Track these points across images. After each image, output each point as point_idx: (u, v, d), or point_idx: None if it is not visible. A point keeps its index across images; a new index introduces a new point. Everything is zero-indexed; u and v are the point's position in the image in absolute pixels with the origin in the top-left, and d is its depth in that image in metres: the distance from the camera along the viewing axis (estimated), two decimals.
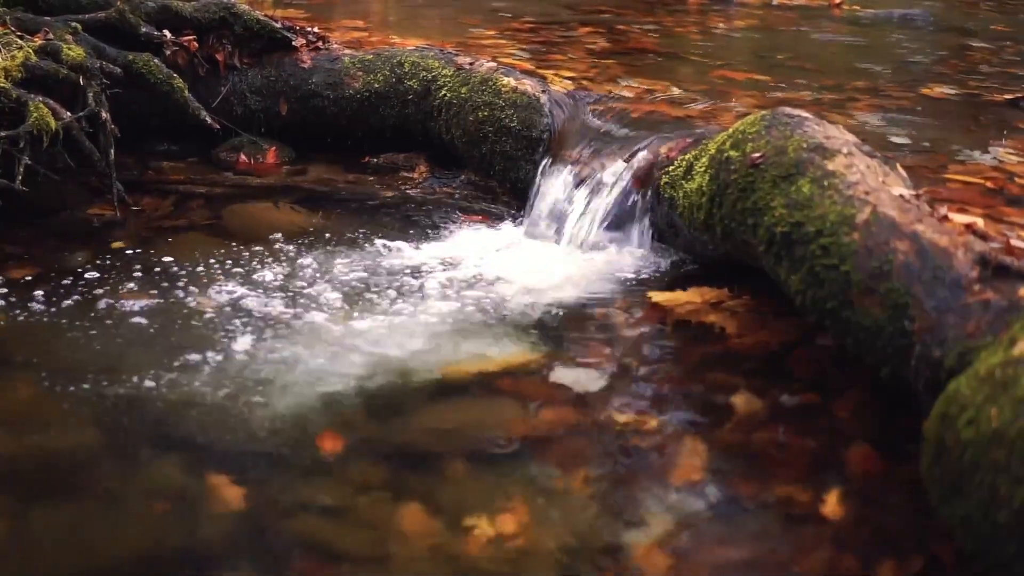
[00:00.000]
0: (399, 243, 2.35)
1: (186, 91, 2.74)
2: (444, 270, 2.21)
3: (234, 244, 2.31)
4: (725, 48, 4.21)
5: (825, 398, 1.72)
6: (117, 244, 2.30)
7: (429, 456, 1.57)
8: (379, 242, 2.35)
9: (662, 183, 2.22)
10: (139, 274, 2.13)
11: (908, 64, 3.89)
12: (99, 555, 1.35)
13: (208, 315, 1.97)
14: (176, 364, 1.78)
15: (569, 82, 2.99)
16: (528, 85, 2.68)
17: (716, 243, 2.02)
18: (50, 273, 2.12)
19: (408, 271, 2.20)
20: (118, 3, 2.76)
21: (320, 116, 2.91)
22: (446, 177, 2.79)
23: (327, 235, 2.40)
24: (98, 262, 2.18)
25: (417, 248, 2.33)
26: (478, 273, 2.20)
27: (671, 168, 2.21)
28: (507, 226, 2.49)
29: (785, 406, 1.70)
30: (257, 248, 2.29)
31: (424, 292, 2.10)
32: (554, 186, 2.44)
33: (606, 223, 2.32)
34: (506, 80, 2.69)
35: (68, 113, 2.40)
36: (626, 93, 2.90)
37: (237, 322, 1.94)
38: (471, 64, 2.81)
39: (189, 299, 2.03)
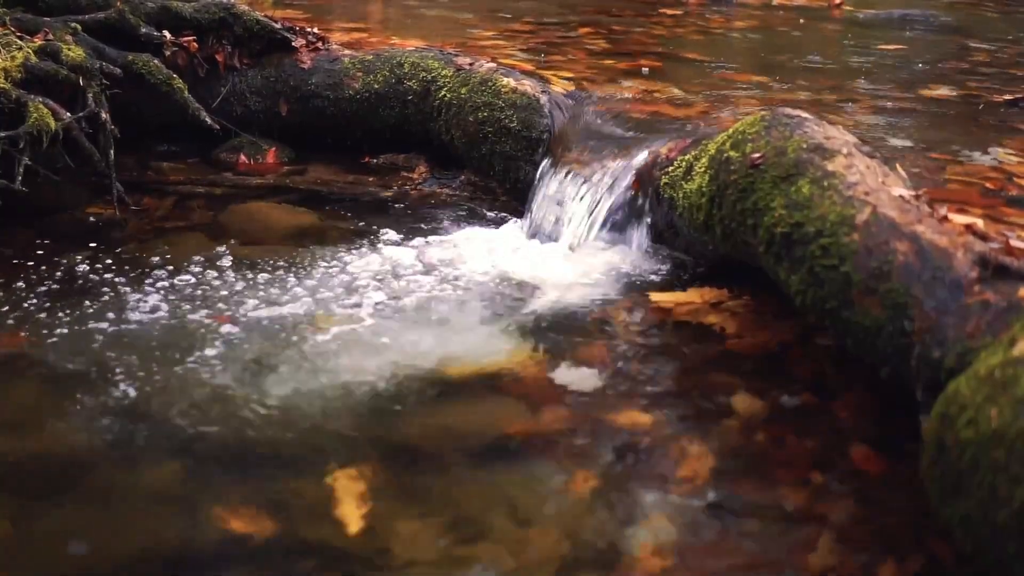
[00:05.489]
0: (399, 243, 2.36)
1: (186, 92, 2.74)
2: (444, 270, 2.21)
3: (233, 244, 2.31)
4: (725, 48, 4.21)
5: (825, 398, 1.72)
6: (117, 244, 2.30)
7: (429, 455, 1.57)
8: (378, 242, 2.35)
9: (662, 184, 2.22)
10: (139, 274, 2.13)
11: (908, 64, 3.89)
12: (99, 555, 1.36)
13: (208, 314, 1.97)
14: (175, 363, 1.78)
15: (569, 82, 2.99)
16: (528, 86, 2.68)
17: (716, 244, 2.02)
18: (49, 273, 2.12)
19: (408, 271, 2.20)
20: (118, 3, 2.76)
21: (320, 116, 2.91)
22: (446, 177, 2.80)
23: (327, 235, 2.40)
24: (98, 262, 2.18)
25: (417, 248, 2.33)
26: (478, 273, 2.20)
27: (671, 168, 2.21)
28: (507, 226, 2.49)
29: (785, 406, 1.70)
30: (256, 248, 2.29)
31: (424, 292, 2.10)
32: (554, 187, 2.44)
33: (606, 224, 2.32)
34: (506, 81, 2.69)
35: (68, 113, 2.40)
36: (626, 93, 2.90)
37: (236, 321, 1.94)
38: (471, 65, 2.81)
39: (189, 299, 2.03)
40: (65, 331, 1.88)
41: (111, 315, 1.95)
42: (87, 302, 2.00)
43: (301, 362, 1.81)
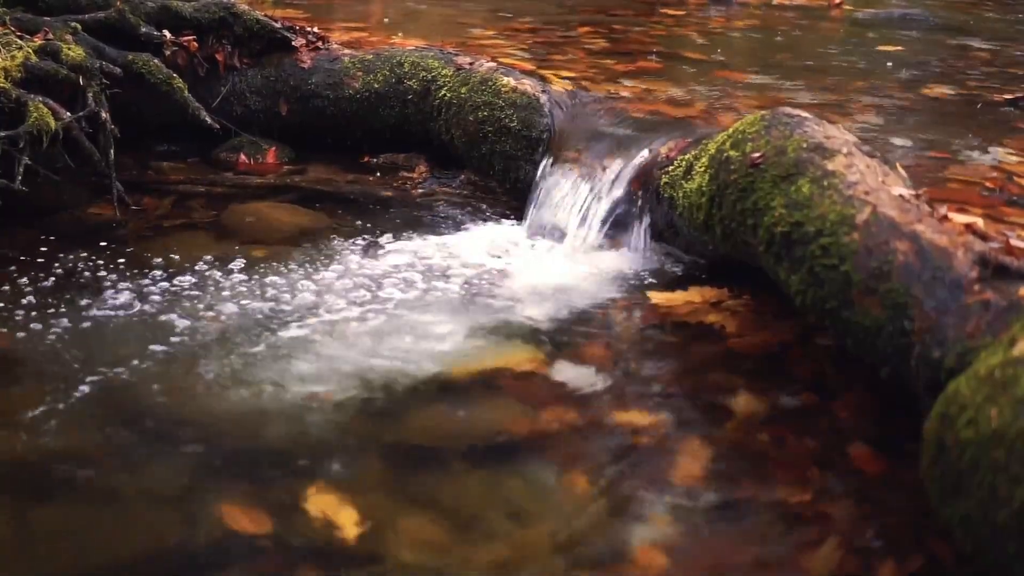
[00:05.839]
0: (398, 243, 2.35)
1: (186, 91, 2.74)
2: (443, 270, 2.21)
3: (234, 244, 2.31)
4: (725, 48, 4.21)
5: (825, 398, 1.72)
6: (117, 244, 2.30)
7: (429, 454, 1.57)
8: (378, 242, 2.35)
9: (662, 183, 2.22)
10: (139, 274, 2.13)
11: (908, 64, 3.89)
12: (99, 555, 1.36)
13: (207, 314, 1.97)
14: (176, 364, 1.78)
15: (569, 82, 2.98)
16: (528, 85, 2.68)
17: (716, 243, 2.02)
18: (50, 273, 2.12)
19: (407, 270, 2.20)
20: (118, 3, 2.76)
21: (320, 116, 2.91)
22: (446, 177, 2.80)
23: (327, 235, 2.40)
24: (98, 262, 2.18)
25: (416, 248, 2.33)
26: (478, 273, 2.20)
27: (671, 168, 2.21)
28: (507, 226, 2.49)
29: (785, 406, 1.70)
30: (256, 247, 2.29)
31: (424, 291, 2.10)
32: (554, 186, 2.44)
33: (606, 223, 2.32)
34: (506, 80, 2.69)
35: (68, 113, 2.40)
36: (626, 93, 2.90)
37: (236, 321, 1.94)
38: (471, 64, 2.81)
39: (189, 298, 2.03)
40: (65, 330, 1.88)
41: (111, 314, 1.95)
42: (87, 301, 1.99)
43: (301, 361, 1.81)
